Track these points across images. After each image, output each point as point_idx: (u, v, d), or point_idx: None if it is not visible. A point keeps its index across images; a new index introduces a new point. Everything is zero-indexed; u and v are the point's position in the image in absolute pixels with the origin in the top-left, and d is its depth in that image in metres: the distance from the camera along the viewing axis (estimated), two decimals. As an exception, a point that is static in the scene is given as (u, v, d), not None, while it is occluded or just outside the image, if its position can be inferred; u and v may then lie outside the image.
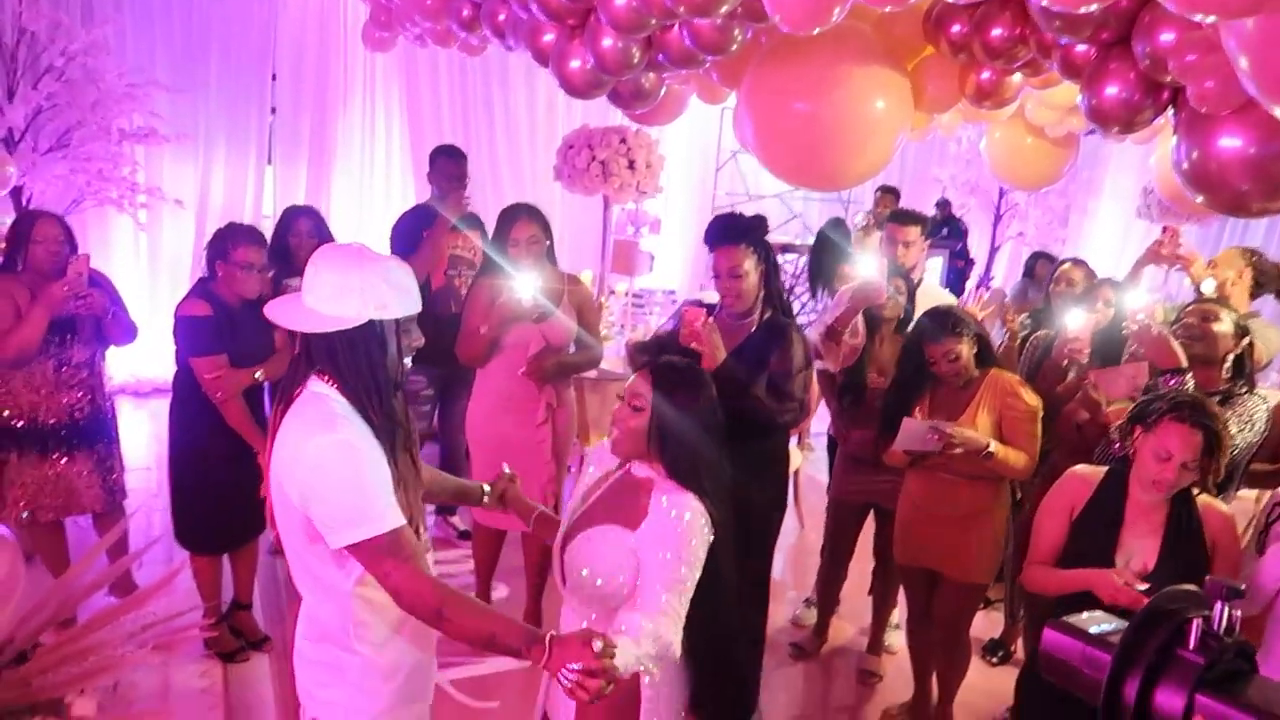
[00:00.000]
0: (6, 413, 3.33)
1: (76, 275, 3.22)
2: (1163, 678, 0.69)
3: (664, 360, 1.96)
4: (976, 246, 9.09)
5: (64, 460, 3.40)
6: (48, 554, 3.55)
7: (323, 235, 4.05)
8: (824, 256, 4.67)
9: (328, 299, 1.67)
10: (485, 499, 2.15)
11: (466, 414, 3.62)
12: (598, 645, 1.51)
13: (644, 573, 1.80)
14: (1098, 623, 0.78)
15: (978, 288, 9.01)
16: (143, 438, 5.65)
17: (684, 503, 1.83)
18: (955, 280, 8.38)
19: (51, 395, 3.35)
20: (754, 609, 3.25)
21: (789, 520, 4.94)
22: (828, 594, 3.84)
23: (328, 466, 1.61)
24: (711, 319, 2.93)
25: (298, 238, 3.99)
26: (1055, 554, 2.39)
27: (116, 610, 3.17)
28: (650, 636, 1.69)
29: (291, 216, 4.13)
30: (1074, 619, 0.79)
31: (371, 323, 1.68)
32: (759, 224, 3.02)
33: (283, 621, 3.80)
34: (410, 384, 4.16)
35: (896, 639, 3.81)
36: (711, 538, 1.84)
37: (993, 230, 9.11)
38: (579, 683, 1.49)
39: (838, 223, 5.38)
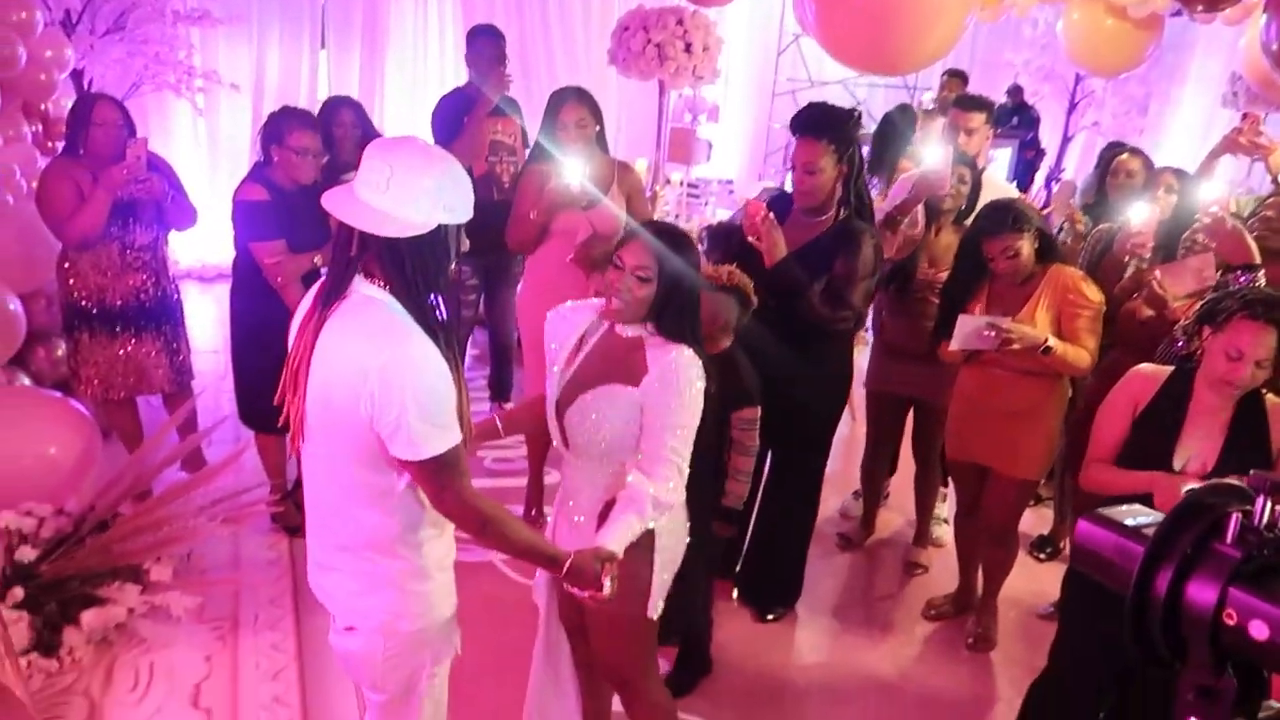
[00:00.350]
0: (77, 294, 3.44)
1: (135, 159, 3.26)
2: (1196, 570, 0.68)
3: (657, 227, 2.03)
4: (1048, 137, 8.70)
5: (132, 341, 3.52)
6: (123, 431, 3.71)
7: (365, 127, 4.01)
8: (886, 143, 4.53)
9: (397, 200, 1.59)
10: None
11: (516, 301, 3.65)
12: (608, 586, 1.79)
13: (648, 422, 1.92)
14: (1134, 516, 0.77)
15: (1047, 181, 8.70)
16: (209, 322, 5.80)
17: (681, 354, 1.93)
18: (1024, 172, 8.07)
19: (117, 278, 3.44)
20: (805, 504, 3.30)
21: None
22: (871, 486, 3.87)
23: (405, 380, 1.57)
24: (772, 215, 2.87)
25: (341, 129, 3.93)
26: (1115, 452, 2.35)
27: (188, 485, 3.36)
28: (653, 504, 1.90)
29: (333, 107, 4.05)
30: (1110, 510, 0.78)
31: (439, 228, 1.62)
32: (848, 120, 2.90)
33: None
34: (456, 272, 4.20)
35: (945, 532, 3.84)
36: (703, 384, 1.94)
37: (1066, 120, 8.71)
38: (590, 596, 1.82)
39: (904, 109, 5.18)
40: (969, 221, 3.18)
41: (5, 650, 2.43)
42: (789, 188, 3.34)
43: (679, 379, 1.90)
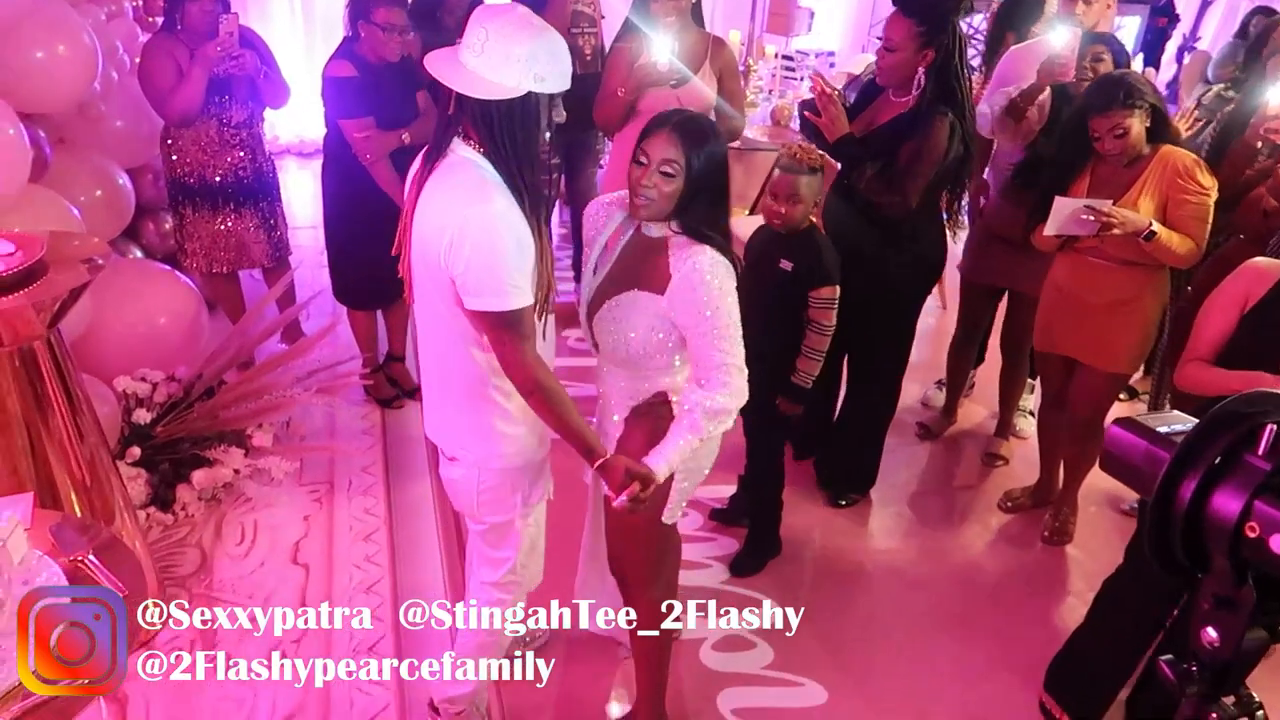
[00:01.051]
0: (180, 170, 3.56)
1: (227, 34, 3.31)
2: (1223, 480, 0.66)
3: (681, 117, 1.89)
4: (1184, 1, 8.01)
5: (232, 216, 3.65)
6: (226, 303, 3.89)
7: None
8: (1009, 17, 4.24)
9: (490, 64, 1.65)
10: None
11: (600, 180, 3.62)
12: (636, 490, 1.81)
13: (691, 338, 1.87)
14: (1169, 423, 0.74)
15: (1179, 52, 8.04)
16: (308, 197, 5.95)
17: (704, 256, 1.84)
18: (1155, 41, 7.49)
19: (216, 154, 3.54)
20: (885, 390, 3.28)
21: (930, 299, 4.86)
22: (956, 376, 3.79)
23: (478, 235, 1.66)
24: (835, 91, 2.82)
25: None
26: (1217, 350, 2.24)
27: (286, 355, 3.52)
28: (710, 415, 1.84)
29: None
30: (1143, 417, 0.76)
31: (529, 94, 1.67)
32: (946, 3, 2.73)
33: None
34: None
35: (1028, 425, 3.77)
36: (733, 283, 1.87)
37: (1207, -18, 7.98)
38: (611, 496, 1.85)
39: None
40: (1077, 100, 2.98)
41: (124, 504, 2.64)
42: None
43: (704, 283, 1.82)
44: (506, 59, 1.64)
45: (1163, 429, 0.74)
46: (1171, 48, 8.02)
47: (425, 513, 3.21)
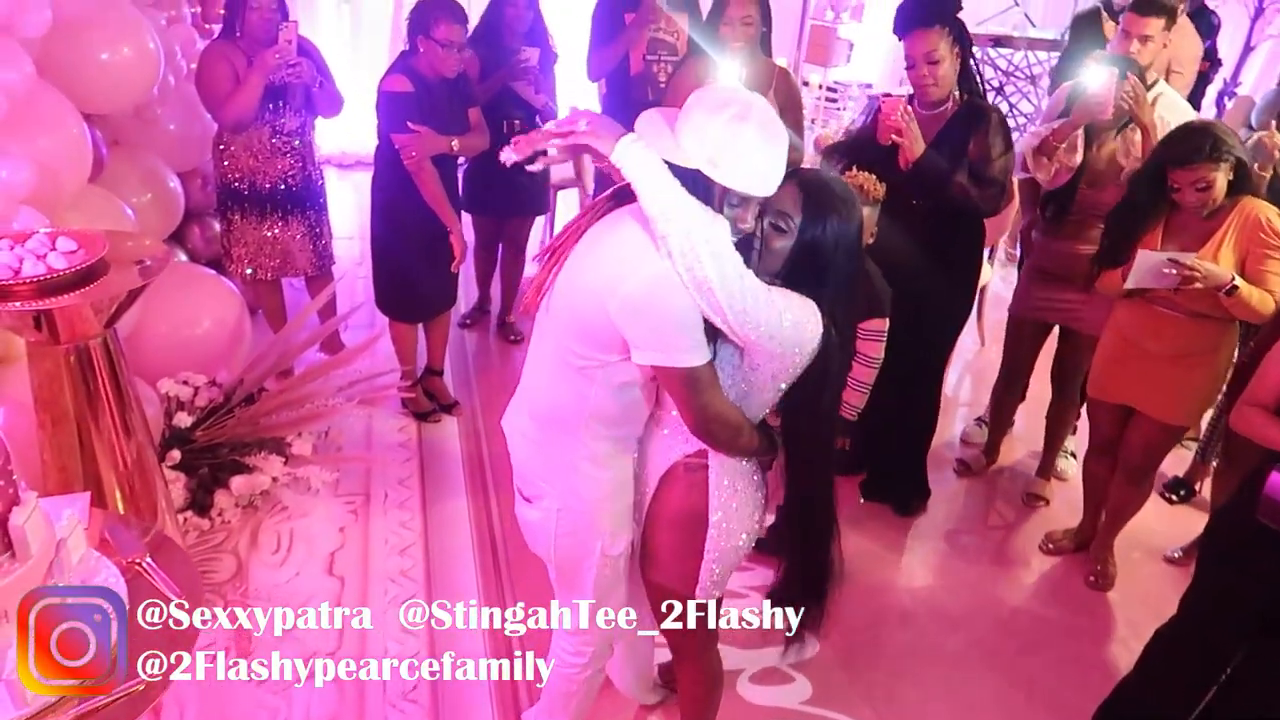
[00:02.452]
0: (231, 175, 3.59)
1: (286, 43, 3.34)
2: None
3: (813, 174, 1.78)
4: (1226, 46, 7.96)
5: (279, 224, 3.67)
6: (269, 310, 3.91)
7: (536, 15, 3.96)
8: (1072, 55, 4.23)
9: (684, 128, 1.63)
10: None
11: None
12: None
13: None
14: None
15: (1220, 96, 8.01)
16: (347, 209, 5.98)
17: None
18: (1197, 85, 7.43)
19: (267, 161, 3.56)
20: (930, 401, 3.35)
21: (970, 335, 4.83)
22: (1000, 413, 3.75)
23: (661, 293, 1.59)
24: (911, 108, 2.82)
25: (514, 9, 3.87)
26: (1278, 398, 2.20)
27: (327, 365, 3.53)
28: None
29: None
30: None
31: (699, 174, 1.60)
32: (954, 3, 2.84)
33: (470, 388, 4.09)
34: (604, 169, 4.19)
35: (1070, 466, 3.72)
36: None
37: (1250, 26, 7.94)
38: None
39: (1093, 15, 4.80)
40: (1132, 129, 2.95)
41: (166, 505, 2.64)
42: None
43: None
44: (696, 129, 1.61)
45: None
46: (1212, 92, 7.97)
47: (461, 528, 3.19)
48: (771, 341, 1.64)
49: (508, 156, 1.74)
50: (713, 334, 1.67)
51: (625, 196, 1.69)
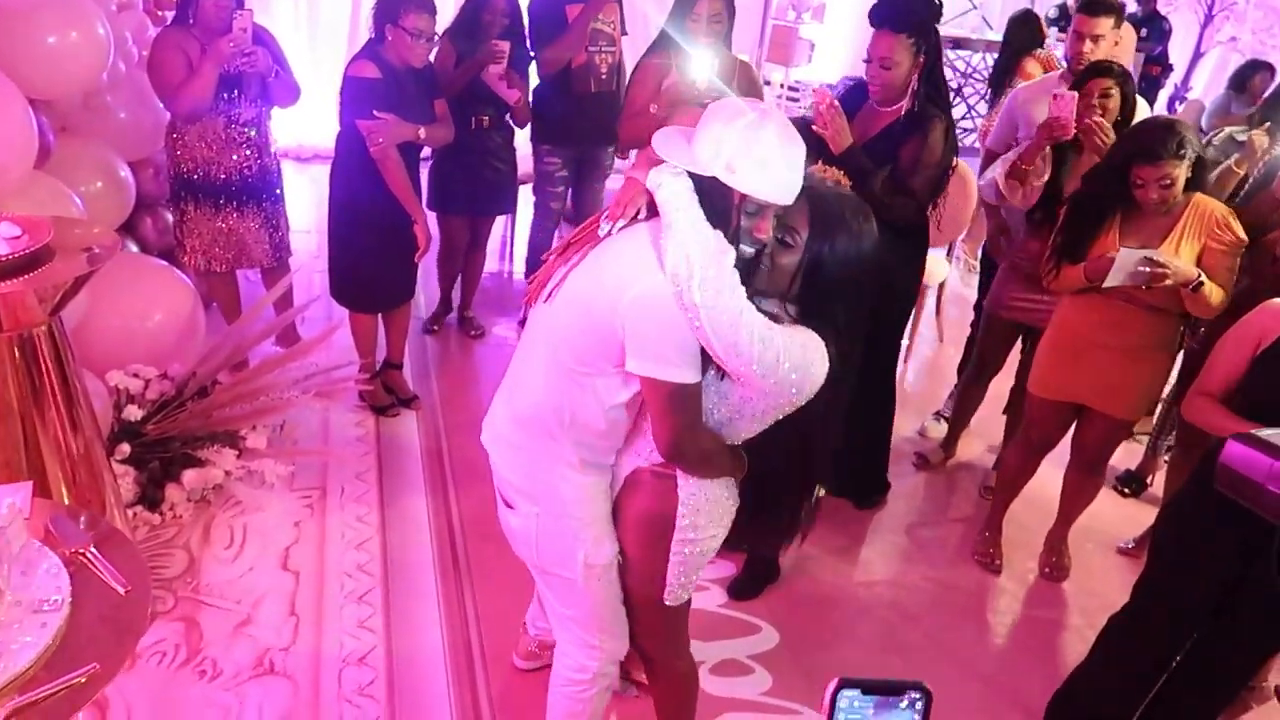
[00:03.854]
0: (184, 165, 3.51)
1: (241, 31, 3.28)
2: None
3: (826, 189, 1.72)
4: (1177, 52, 8.14)
5: (234, 215, 3.60)
6: (223, 302, 3.83)
7: (514, 17, 3.92)
8: (1010, 55, 4.30)
9: (699, 136, 1.63)
10: None
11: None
12: None
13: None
14: (1286, 442, 0.72)
15: (1171, 101, 8.18)
16: (304, 202, 5.90)
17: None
18: (1148, 89, 7.58)
19: (222, 151, 3.49)
20: (888, 389, 3.38)
21: (928, 331, 4.88)
22: (964, 408, 3.79)
23: (665, 305, 1.57)
24: (837, 103, 2.82)
25: (491, 14, 3.83)
26: (1227, 387, 2.23)
27: (283, 358, 3.47)
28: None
29: None
30: (1264, 433, 0.73)
31: (718, 181, 1.60)
32: (929, 11, 2.81)
33: (429, 383, 4.05)
34: (544, 164, 4.17)
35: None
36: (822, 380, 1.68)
37: (1200, 33, 8.13)
38: None
39: (1027, 16, 4.90)
40: (1115, 145, 2.97)
41: (116, 501, 2.58)
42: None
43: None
44: (714, 138, 1.60)
45: None
46: (1164, 96, 8.15)
47: (420, 523, 3.15)
48: (765, 380, 1.60)
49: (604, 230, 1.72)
50: (710, 357, 1.64)
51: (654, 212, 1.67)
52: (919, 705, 0.62)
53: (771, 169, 1.60)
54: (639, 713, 2.40)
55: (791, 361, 1.60)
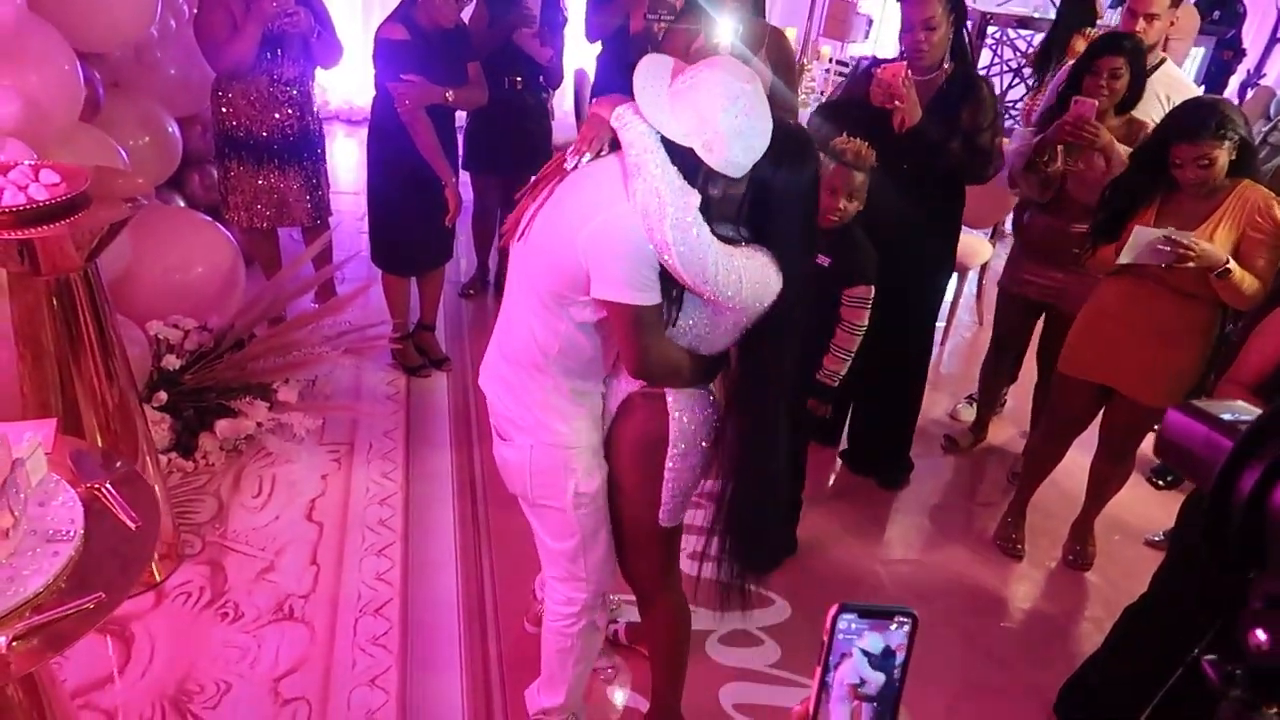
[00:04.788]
0: (229, 122, 3.57)
1: (283, -10, 3.31)
2: (1289, 474, 0.62)
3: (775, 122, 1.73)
4: (1252, 36, 7.84)
5: (276, 173, 3.65)
6: (263, 258, 3.91)
7: None
8: (1058, 31, 4.18)
9: (679, 104, 1.63)
10: None
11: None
12: None
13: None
14: (1233, 411, 0.70)
15: (1242, 87, 7.89)
16: (352, 163, 5.98)
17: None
18: (1218, 74, 7.33)
19: (265, 109, 3.54)
20: (920, 369, 3.37)
21: (967, 314, 4.80)
22: (989, 391, 3.73)
23: (623, 232, 1.63)
24: (910, 75, 2.80)
25: None
26: (1259, 379, 2.16)
27: (318, 313, 3.53)
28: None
29: None
30: (1206, 403, 0.72)
31: (691, 152, 1.62)
32: None
33: (462, 345, 4.09)
34: None
35: (1059, 446, 3.69)
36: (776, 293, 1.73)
37: (1277, 18, 7.81)
38: None
39: None
40: (1161, 121, 2.88)
41: (148, 447, 2.66)
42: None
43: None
44: (692, 107, 1.62)
45: (1226, 416, 0.70)
46: (1235, 82, 7.86)
47: (443, 482, 3.20)
48: (731, 301, 1.68)
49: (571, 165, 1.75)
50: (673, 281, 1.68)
51: (616, 146, 1.71)
52: (906, 628, 0.73)
53: (747, 155, 1.63)
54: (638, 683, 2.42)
55: (751, 282, 1.68)
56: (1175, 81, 3.18)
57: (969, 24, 3.03)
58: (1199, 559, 2.15)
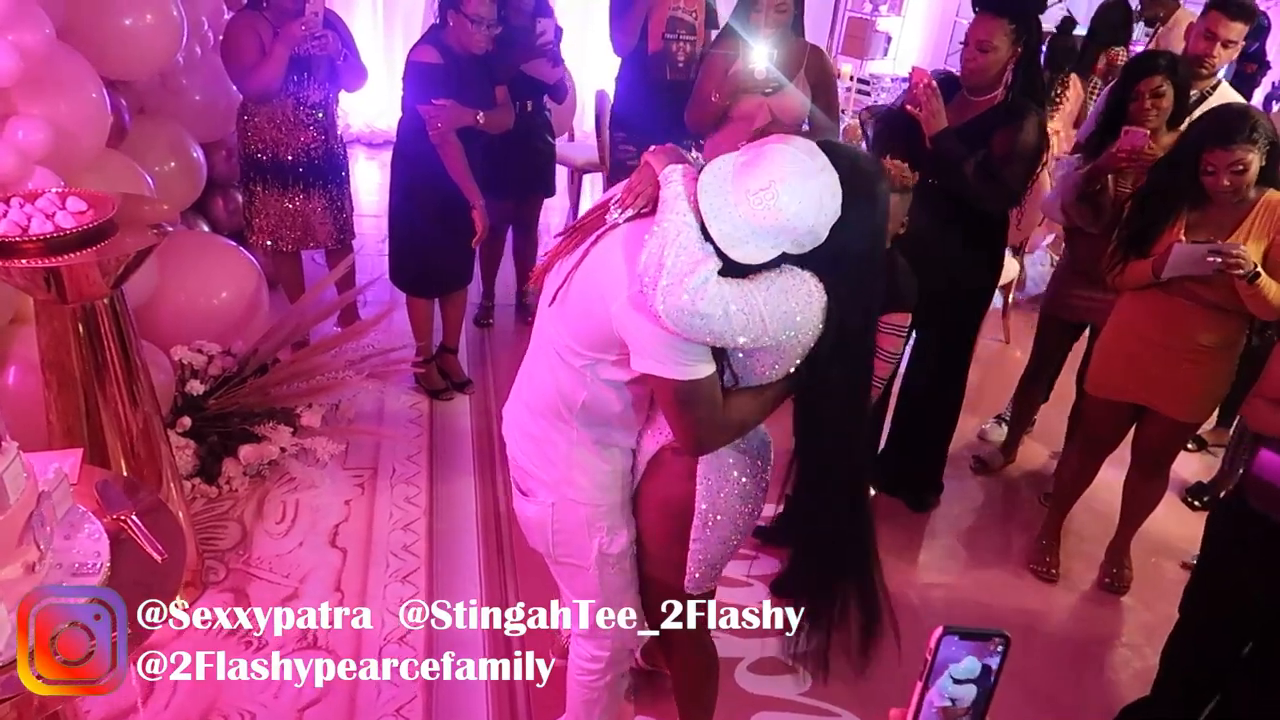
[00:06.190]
0: (254, 146, 3.59)
1: (313, 15, 3.33)
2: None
3: (841, 153, 1.58)
4: (1276, 49, 7.75)
5: (301, 196, 3.66)
6: (287, 282, 3.91)
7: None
8: (1089, 49, 4.17)
9: (747, 226, 1.48)
10: None
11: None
12: None
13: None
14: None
15: (1267, 100, 7.79)
16: (373, 186, 6.00)
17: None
18: (1240, 86, 7.23)
19: (290, 132, 3.55)
20: (953, 384, 3.31)
21: (995, 331, 4.74)
22: (1023, 410, 3.68)
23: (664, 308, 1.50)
24: (935, 84, 2.78)
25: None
26: None
27: (341, 337, 3.53)
28: None
29: None
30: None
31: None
32: (1033, 1, 2.80)
33: (484, 367, 4.08)
34: (619, 152, 4.15)
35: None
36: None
37: (1303, 31, 7.72)
38: None
39: (1117, 4, 4.72)
40: (1186, 129, 2.82)
41: (172, 474, 2.65)
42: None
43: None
44: (717, 203, 1.48)
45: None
46: (1259, 95, 7.78)
47: (467, 507, 3.18)
48: (758, 342, 1.54)
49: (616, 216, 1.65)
50: None
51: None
52: (1000, 648, 0.83)
53: (826, 221, 1.50)
54: (662, 707, 2.38)
55: (776, 314, 1.51)
56: (1229, 98, 3.13)
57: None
58: (1227, 574, 2.13)
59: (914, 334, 3.01)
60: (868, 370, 1.72)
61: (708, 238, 1.50)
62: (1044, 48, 4.28)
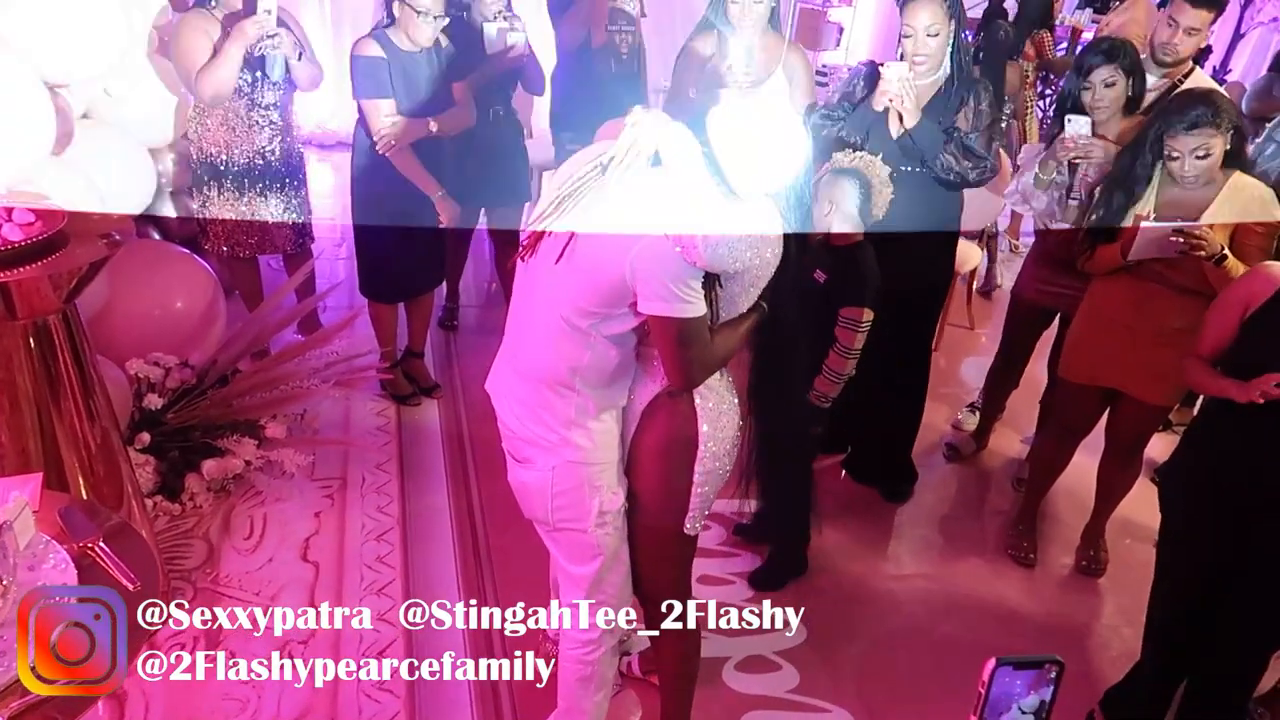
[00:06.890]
0: (207, 150, 3.46)
1: (265, 13, 3.22)
2: None
3: None
4: (1217, 33, 7.91)
5: (257, 199, 3.54)
6: (245, 289, 3.80)
7: None
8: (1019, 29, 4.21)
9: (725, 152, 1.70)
10: None
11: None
12: None
13: None
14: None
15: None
16: (327, 189, 5.87)
17: None
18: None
19: (245, 135, 3.44)
20: (922, 377, 3.35)
21: (961, 319, 4.77)
22: (994, 397, 3.69)
23: (669, 252, 1.66)
24: (912, 76, 2.78)
25: None
26: (1218, 350, 2.20)
27: (303, 345, 3.43)
28: None
29: None
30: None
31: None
32: None
33: (451, 371, 4.00)
34: (567, 152, 4.08)
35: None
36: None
37: (1240, 13, 7.89)
38: None
39: None
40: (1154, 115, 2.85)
41: (133, 490, 2.55)
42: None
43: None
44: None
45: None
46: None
47: (441, 514, 3.11)
48: (752, 263, 1.76)
49: None
50: None
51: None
52: (1053, 675, 0.80)
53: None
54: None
55: (750, 244, 1.74)
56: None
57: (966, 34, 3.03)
58: (1190, 524, 2.30)
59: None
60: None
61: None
62: (971, 35, 4.32)
